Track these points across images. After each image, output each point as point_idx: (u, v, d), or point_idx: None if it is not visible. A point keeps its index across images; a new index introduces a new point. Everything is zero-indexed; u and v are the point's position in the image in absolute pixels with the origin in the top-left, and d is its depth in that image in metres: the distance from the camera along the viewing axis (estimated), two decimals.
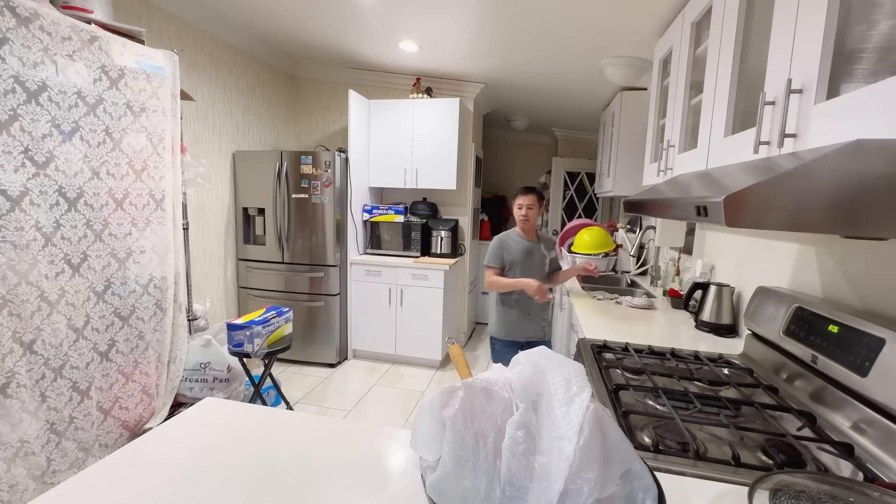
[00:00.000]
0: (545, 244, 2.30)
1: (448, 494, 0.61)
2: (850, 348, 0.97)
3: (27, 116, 1.44)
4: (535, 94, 3.80)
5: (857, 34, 0.81)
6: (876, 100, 0.68)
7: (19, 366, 1.46)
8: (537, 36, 2.51)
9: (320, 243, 3.31)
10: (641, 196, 1.34)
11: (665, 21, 2.07)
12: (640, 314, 2.05)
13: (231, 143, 3.24)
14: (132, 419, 1.90)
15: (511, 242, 2.24)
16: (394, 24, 2.62)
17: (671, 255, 2.61)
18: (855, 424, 0.95)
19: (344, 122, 3.77)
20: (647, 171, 2.20)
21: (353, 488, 0.74)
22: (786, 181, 0.72)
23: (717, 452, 0.90)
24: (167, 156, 1.96)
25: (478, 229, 4.54)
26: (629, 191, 3.10)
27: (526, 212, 2.18)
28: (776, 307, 1.30)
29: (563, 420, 0.60)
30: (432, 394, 0.69)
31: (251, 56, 3.33)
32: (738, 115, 1.23)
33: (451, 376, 3.35)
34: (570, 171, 5.24)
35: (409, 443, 0.70)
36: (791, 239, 1.43)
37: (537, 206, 2.20)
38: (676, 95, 1.76)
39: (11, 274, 1.43)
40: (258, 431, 0.91)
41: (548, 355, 0.70)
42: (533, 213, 2.20)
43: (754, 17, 1.20)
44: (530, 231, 2.24)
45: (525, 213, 2.18)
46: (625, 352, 1.44)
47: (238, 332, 2.23)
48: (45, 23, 1.47)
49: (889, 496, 0.65)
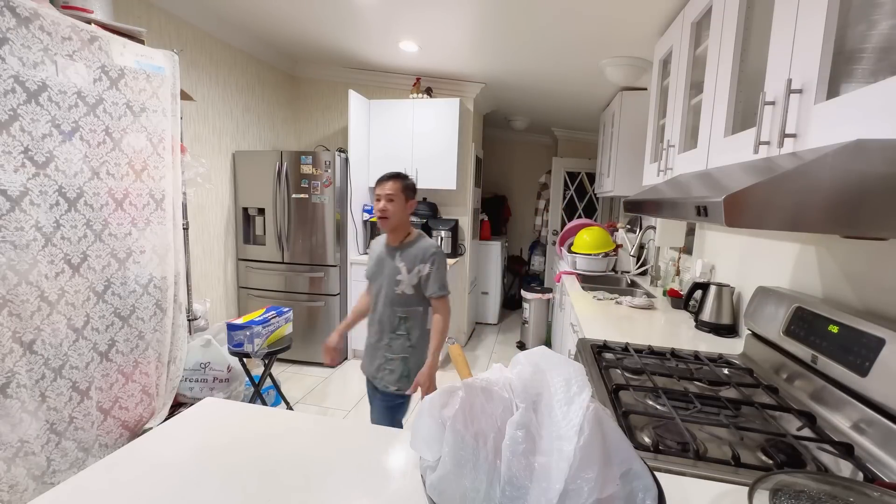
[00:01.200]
0: (406, 255, 1.67)
1: (448, 494, 0.61)
2: (850, 348, 0.97)
3: (27, 116, 1.44)
4: (535, 95, 3.80)
5: (857, 34, 0.81)
6: (876, 100, 0.68)
7: (19, 366, 1.46)
8: (537, 36, 2.51)
9: (320, 243, 3.31)
10: (641, 196, 1.34)
11: (665, 21, 2.07)
12: (640, 314, 2.05)
13: (231, 142, 3.24)
14: (132, 419, 1.90)
15: (374, 247, 1.82)
16: (394, 23, 2.62)
17: (671, 255, 2.61)
18: (855, 424, 0.95)
19: (344, 121, 3.77)
20: (647, 171, 2.20)
21: (353, 488, 0.74)
22: (786, 181, 0.72)
23: (717, 452, 0.90)
24: (167, 156, 1.96)
25: (478, 229, 4.53)
26: (629, 191, 3.10)
27: (384, 205, 1.64)
28: (776, 307, 1.30)
29: (563, 420, 0.60)
30: (432, 394, 0.69)
31: (251, 56, 3.33)
32: (738, 115, 1.23)
33: (451, 376, 3.35)
34: (570, 171, 5.24)
35: (409, 443, 0.70)
36: (791, 239, 1.43)
37: (401, 198, 1.66)
38: (676, 95, 1.76)
39: (11, 274, 1.43)
40: (258, 431, 0.91)
41: (548, 355, 0.70)
42: (394, 207, 1.64)
43: (754, 17, 1.20)
44: (393, 232, 1.70)
45: (382, 206, 1.64)
46: (625, 352, 1.44)
47: (238, 332, 2.23)
48: (45, 23, 1.47)
49: (889, 496, 0.65)
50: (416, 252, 1.68)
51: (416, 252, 1.68)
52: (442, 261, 1.71)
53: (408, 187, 1.70)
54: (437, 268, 1.69)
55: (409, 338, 1.72)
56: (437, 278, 1.69)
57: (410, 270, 1.67)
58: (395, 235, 1.71)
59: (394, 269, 1.68)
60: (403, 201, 1.67)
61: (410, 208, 1.72)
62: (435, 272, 1.68)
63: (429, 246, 1.70)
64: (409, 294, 1.69)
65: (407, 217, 1.72)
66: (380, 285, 1.73)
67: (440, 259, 1.70)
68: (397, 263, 1.68)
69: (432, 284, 1.68)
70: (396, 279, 1.67)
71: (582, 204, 5.34)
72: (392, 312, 1.71)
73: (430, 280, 1.68)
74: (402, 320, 1.71)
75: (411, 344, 1.72)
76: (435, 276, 1.68)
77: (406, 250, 1.69)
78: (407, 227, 1.73)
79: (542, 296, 3.87)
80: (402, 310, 1.70)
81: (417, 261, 1.67)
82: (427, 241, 1.74)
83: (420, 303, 1.71)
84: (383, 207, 1.65)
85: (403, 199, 1.67)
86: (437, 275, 1.69)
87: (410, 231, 1.75)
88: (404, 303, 1.70)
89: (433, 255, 1.68)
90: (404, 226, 1.72)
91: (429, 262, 1.67)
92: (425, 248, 1.69)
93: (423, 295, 1.70)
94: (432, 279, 1.68)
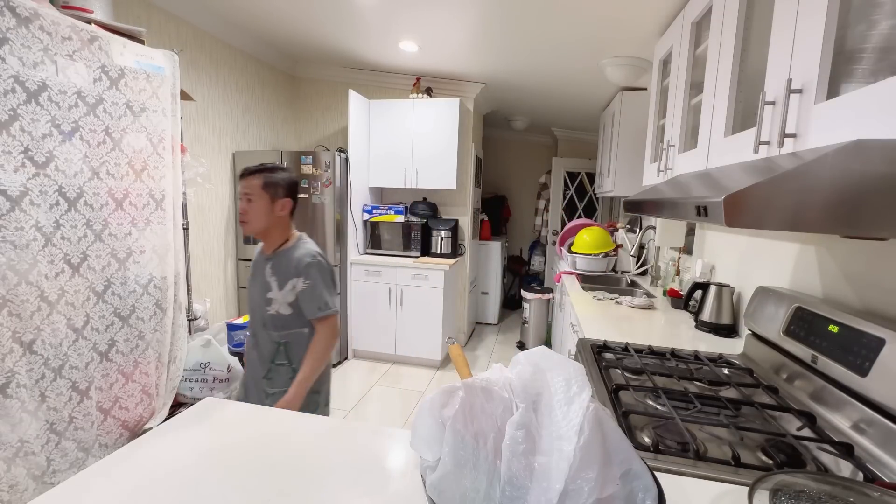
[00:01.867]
0: (278, 267, 1.40)
1: (448, 494, 0.61)
2: (850, 348, 0.97)
3: (27, 116, 1.44)
4: (535, 95, 3.80)
5: (857, 34, 0.81)
6: (876, 100, 0.68)
7: (19, 366, 1.46)
8: (537, 36, 2.51)
9: (320, 243, 3.29)
10: (641, 196, 1.34)
11: (665, 21, 2.07)
12: (640, 314, 2.05)
13: (231, 142, 3.24)
14: (132, 419, 1.90)
15: (255, 255, 1.53)
16: (394, 23, 2.62)
17: (671, 255, 2.61)
18: (855, 424, 0.95)
19: (344, 122, 3.77)
20: (647, 171, 2.20)
21: (353, 488, 0.74)
22: (786, 181, 0.72)
23: (717, 452, 0.90)
24: (167, 156, 1.96)
25: (478, 229, 4.54)
26: (629, 191, 3.10)
27: (244, 205, 1.39)
28: (776, 307, 1.30)
29: (563, 420, 0.60)
30: (432, 394, 0.69)
31: (251, 56, 3.33)
32: (738, 115, 1.23)
33: (451, 376, 3.35)
34: (570, 171, 5.24)
35: (409, 443, 0.70)
36: (791, 239, 1.43)
37: (263, 197, 1.38)
38: (676, 95, 1.76)
39: (11, 274, 1.43)
40: (258, 431, 0.91)
41: (548, 355, 0.70)
42: (255, 209, 1.37)
43: (754, 17, 1.20)
44: (268, 240, 1.45)
45: (243, 206, 1.39)
46: (625, 352, 1.44)
47: (238, 332, 2.23)
48: (45, 23, 1.47)
49: (889, 496, 0.65)
50: (289, 263, 1.38)
51: (289, 263, 1.38)
52: (320, 273, 1.40)
53: (273, 183, 1.38)
54: (314, 283, 1.38)
55: (291, 367, 1.43)
56: (312, 297, 1.38)
57: (283, 286, 1.37)
58: (269, 242, 1.44)
59: (264, 285, 1.39)
60: (268, 201, 1.37)
61: (283, 209, 1.41)
62: (310, 289, 1.37)
63: (304, 255, 1.39)
64: (287, 314, 1.39)
65: (277, 221, 1.41)
66: (253, 304, 1.45)
67: (318, 271, 1.39)
68: (268, 278, 1.39)
69: (308, 305, 1.39)
70: (267, 297, 1.39)
71: (582, 204, 5.34)
72: (268, 337, 1.42)
73: (307, 300, 1.38)
74: (282, 346, 1.41)
75: (295, 375, 1.40)
76: (310, 294, 1.38)
77: (278, 261, 1.40)
78: (283, 232, 1.43)
79: (542, 296, 3.87)
80: (279, 334, 1.41)
81: (290, 274, 1.37)
82: (304, 247, 1.42)
83: (303, 324, 1.42)
84: (242, 209, 1.38)
85: (268, 198, 1.37)
86: (312, 292, 1.38)
87: (290, 236, 1.45)
88: (281, 325, 1.40)
89: (308, 266, 1.38)
90: (278, 231, 1.42)
91: (302, 275, 1.37)
92: (299, 257, 1.38)
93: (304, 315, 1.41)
94: (308, 298, 1.38)
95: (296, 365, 1.42)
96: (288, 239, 1.45)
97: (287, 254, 1.42)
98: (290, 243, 1.44)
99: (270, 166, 1.43)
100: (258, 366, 1.45)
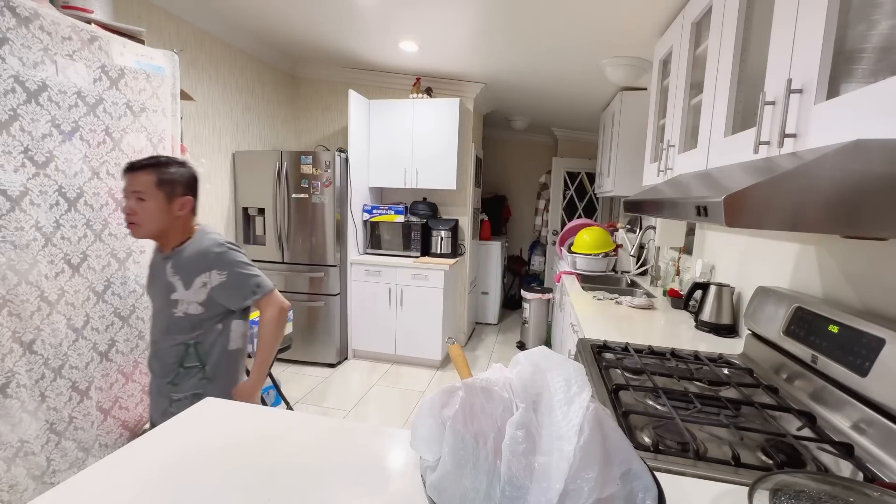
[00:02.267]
0: (179, 265, 1.27)
1: (448, 494, 0.61)
2: (850, 348, 0.97)
3: (27, 116, 1.44)
4: (535, 94, 3.80)
5: (857, 34, 0.81)
6: (876, 100, 0.68)
7: (19, 366, 1.46)
8: (537, 36, 2.51)
9: (320, 243, 3.31)
10: (641, 196, 1.34)
11: (665, 21, 2.07)
12: (640, 314, 2.05)
13: (231, 142, 3.24)
14: (132, 419, 1.90)
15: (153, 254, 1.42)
16: (394, 23, 2.62)
17: (671, 255, 2.61)
18: (855, 424, 0.95)
19: (344, 122, 3.77)
20: (647, 171, 2.20)
21: (353, 488, 0.74)
22: (786, 181, 0.72)
23: (717, 452, 0.90)
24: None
25: (478, 229, 4.54)
26: (629, 191, 3.10)
27: (131, 205, 1.25)
28: (776, 307, 1.30)
29: (563, 420, 0.60)
30: (432, 394, 0.69)
31: (251, 56, 3.33)
32: (738, 115, 1.23)
33: (451, 376, 3.35)
34: (570, 171, 5.24)
35: (409, 443, 0.70)
36: (791, 239, 1.43)
37: (158, 196, 1.23)
38: (676, 95, 1.76)
39: (11, 274, 1.43)
40: (258, 431, 0.91)
41: (548, 355, 0.70)
42: (148, 209, 1.22)
43: (754, 17, 1.20)
44: (164, 241, 1.31)
45: (131, 206, 1.25)
46: (625, 352, 1.44)
47: None
48: (45, 23, 1.47)
49: (889, 496, 0.65)
50: (191, 260, 1.25)
51: (191, 260, 1.25)
52: (232, 257, 1.28)
53: (169, 180, 1.21)
54: (232, 269, 1.27)
55: (203, 368, 1.30)
56: (237, 286, 1.27)
57: (189, 285, 1.24)
58: (165, 242, 1.30)
59: (166, 287, 1.26)
60: (163, 200, 1.21)
61: (182, 208, 1.24)
62: (230, 279, 1.26)
63: (210, 246, 1.26)
64: (197, 314, 1.27)
65: (174, 222, 1.25)
66: (154, 309, 1.33)
67: (231, 258, 1.27)
68: (170, 278, 1.25)
69: (233, 296, 1.28)
70: (171, 299, 1.25)
71: (582, 204, 5.34)
72: (174, 342, 1.29)
73: (231, 290, 1.27)
74: (191, 348, 1.29)
75: (206, 376, 1.30)
76: (232, 284, 1.27)
77: (179, 259, 1.26)
78: (183, 231, 1.28)
79: (542, 296, 3.87)
80: (187, 336, 1.28)
81: (197, 270, 1.25)
82: (207, 238, 1.29)
83: (218, 318, 1.30)
84: (130, 209, 1.22)
85: (163, 197, 1.21)
86: (237, 278, 1.27)
87: (190, 232, 1.30)
88: (192, 326, 1.28)
89: (218, 256, 1.25)
90: (176, 232, 1.28)
91: (215, 268, 1.24)
92: (205, 250, 1.25)
93: (221, 309, 1.30)
94: (230, 289, 1.27)
95: (209, 366, 1.30)
96: (189, 236, 1.31)
97: (189, 249, 1.27)
98: (190, 238, 1.31)
99: (164, 160, 1.26)
100: (161, 373, 1.33)
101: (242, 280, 1.29)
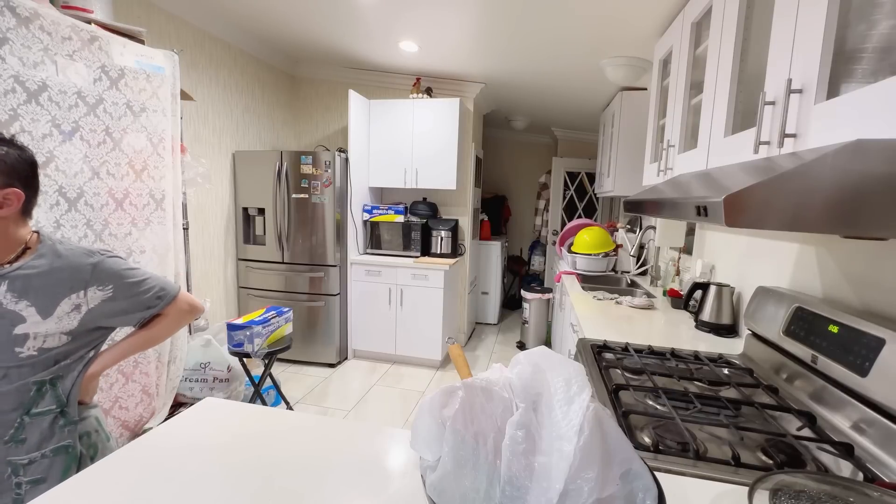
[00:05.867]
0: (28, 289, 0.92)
1: (448, 494, 0.61)
2: (850, 348, 0.97)
3: (27, 116, 1.44)
4: (535, 94, 3.80)
5: (857, 34, 0.81)
6: (876, 100, 0.68)
7: None
8: (537, 36, 2.51)
9: (320, 243, 3.31)
10: (641, 196, 1.34)
11: (665, 21, 2.07)
12: (640, 314, 2.05)
13: (231, 142, 3.24)
14: (132, 419, 1.90)
15: None
16: (393, 23, 2.62)
17: (671, 255, 2.61)
18: (855, 424, 0.95)
19: (344, 122, 3.77)
20: (647, 171, 2.20)
21: (353, 488, 0.74)
22: (786, 181, 0.72)
23: (717, 452, 0.90)
24: (167, 156, 1.96)
25: (478, 229, 4.54)
26: (629, 191, 3.10)
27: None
28: (776, 307, 1.30)
29: (563, 420, 0.60)
30: (432, 394, 0.69)
31: (251, 56, 3.33)
32: (738, 115, 1.23)
33: (451, 376, 3.35)
34: (570, 171, 5.24)
35: (409, 443, 0.70)
36: (791, 239, 1.43)
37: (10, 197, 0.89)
38: (676, 95, 1.76)
39: None
40: (258, 431, 0.91)
41: (548, 355, 0.70)
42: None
43: (754, 17, 1.20)
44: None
45: None
46: (625, 352, 1.44)
47: (238, 332, 2.23)
48: (45, 23, 1.47)
49: (889, 496, 0.65)
50: (47, 278, 0.94)
51: (47, 278, 0.94)
52: (114, 265, 1.02)
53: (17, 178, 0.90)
54: (119, 281, 1.01)
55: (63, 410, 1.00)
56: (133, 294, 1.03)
57: (49, 312, 0.94)
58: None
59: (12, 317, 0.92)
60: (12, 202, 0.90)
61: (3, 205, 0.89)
62: (123, 291, 1.01)
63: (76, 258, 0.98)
64: (60, 346, 0.97)
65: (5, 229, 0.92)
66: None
67: (109, 265, 1.01)
68: (11, 306, 0.91)
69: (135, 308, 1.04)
70: (16, 334, 0.92)
71: (582, 204, 5.34)
72: (20, 388, 0.94)
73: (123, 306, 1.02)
74: (46, 386, 0.97)
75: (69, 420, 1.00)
76: (127, 294, 1.02)
77: (17, 279, 0.92)
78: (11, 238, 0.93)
79: (542, 296, 3.87)
80: (41, 375, 0.96)
81: (61, 292, 0.95)
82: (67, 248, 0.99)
83: (92, 345, 1.04)
84: None
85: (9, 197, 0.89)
86: (128, 290, 1.02)
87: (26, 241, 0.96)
88: (53, 360, 0.97)
89: (95, 268, 0.99)
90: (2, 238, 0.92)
91: (93, 284, 0.98)
92: (69, 265, 0.96)
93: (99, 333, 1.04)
94: (127, 301, 1.02)
95: (70, 406, 1.00)
96: (26, 246, 0.96)
97: (37, 265, 0.94)
98: (29, 254, 0.95)
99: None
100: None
101: (135, 290, 1.03)
